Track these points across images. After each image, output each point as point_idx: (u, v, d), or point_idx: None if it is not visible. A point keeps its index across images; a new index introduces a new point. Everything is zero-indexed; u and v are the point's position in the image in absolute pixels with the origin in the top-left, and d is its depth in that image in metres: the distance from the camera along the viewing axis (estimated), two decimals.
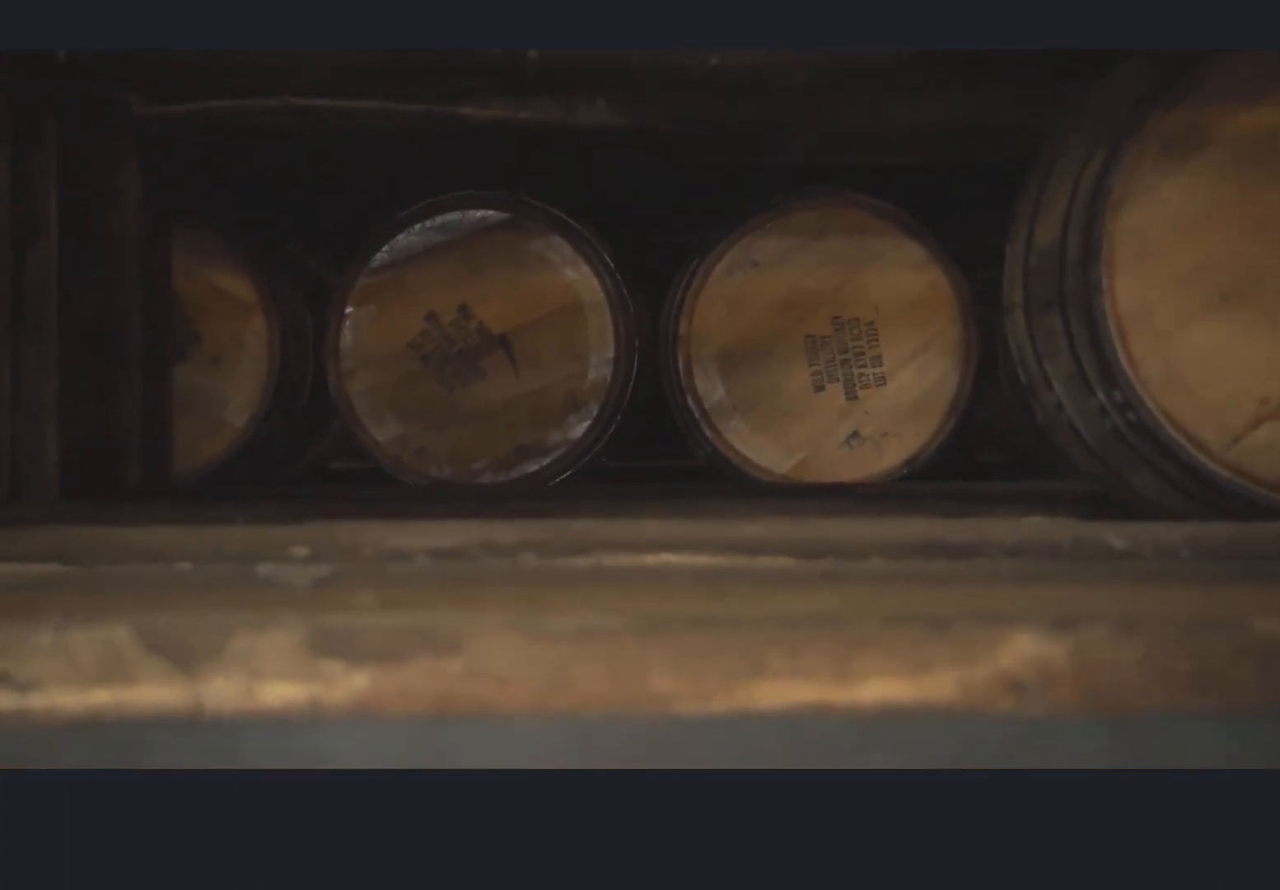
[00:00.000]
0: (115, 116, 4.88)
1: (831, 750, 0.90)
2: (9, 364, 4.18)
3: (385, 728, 0.86)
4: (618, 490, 5.70)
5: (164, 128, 4.99)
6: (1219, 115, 3.35)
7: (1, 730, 0.87)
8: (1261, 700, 1.20)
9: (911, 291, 5.95)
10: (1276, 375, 3.35)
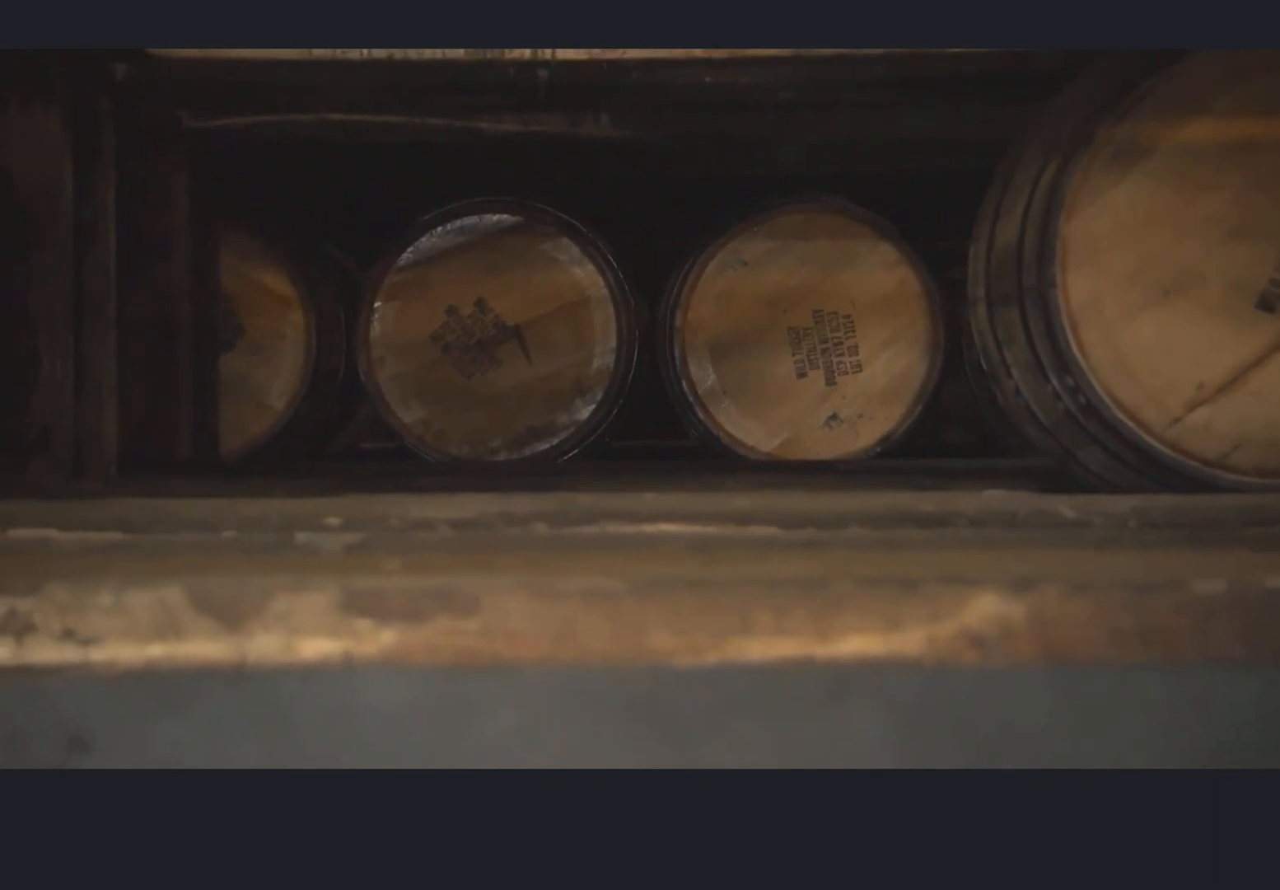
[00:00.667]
0: (167, 130, 4.88)
1: (813, 700, 0.90)
2: (72, 353, 4.18)
3: (410, 678, 0.86)
4: (619, 467, 5.71)
5: (211, 140, 4.99)
6: (1160, 128, 3.35)
7: (65, 681, 0.88)
8: (1199, 653, 1.20)
9: (884, 288, 5.97)
10: (1212, 363, 3.36)
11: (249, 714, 0.90)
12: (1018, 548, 2.10)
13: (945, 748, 0.92)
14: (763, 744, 0.94)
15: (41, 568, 1.63)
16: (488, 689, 0.91)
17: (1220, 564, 1.53)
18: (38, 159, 4.10)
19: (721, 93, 4.33)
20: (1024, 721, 0.91)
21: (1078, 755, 0.94)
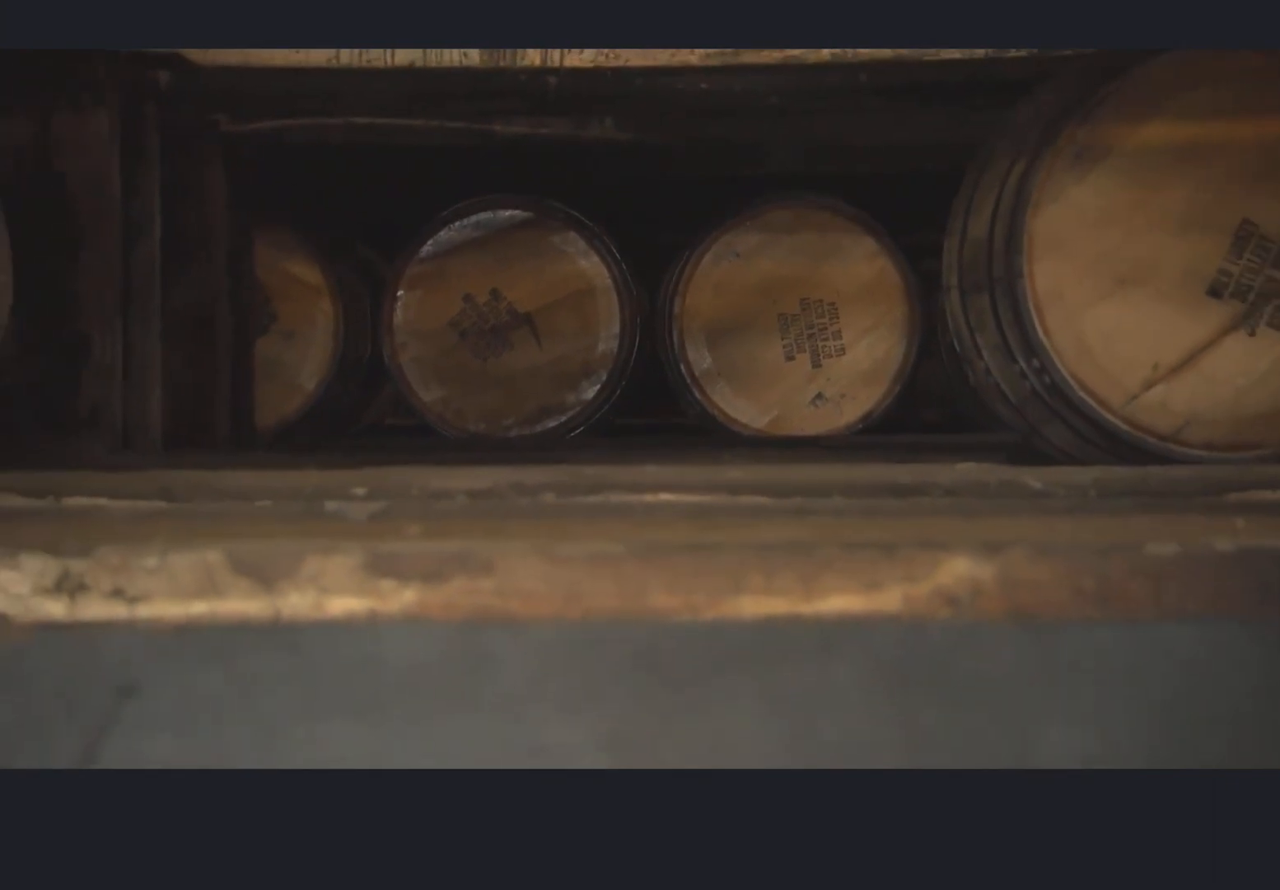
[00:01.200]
0: (206, 133, 4.88)
1: (800, 653, 0.91)
2: (120, 338, 4.18)
3: (429, 633, 0.86)
4: (623, 442, 5.74)
5: (246, 142, 4.99)
6: (1118, 130, 3.36)
7: (115, 635, 0.88)
8: (1153, 609, 1.20)
9: (866, 278, 5.99)
10: (1165, 346, 3.36)
11: (282, 665, 0.91)
12: (988, 515, 2.10)
13: (922, 695, 0.92)
14: (755, 692, 0.95)
15: (93, 533, 1.63)
16: (501, 643, 0.91)
17: (1172, 529, 1.53)
18: (88, 160, 4.10)
19: (717, 98, 4.33)
20: (994, 671, 0.91)
21: (1043, 702, 0.95)
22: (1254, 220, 3.36)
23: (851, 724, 0.95)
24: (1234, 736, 0.93)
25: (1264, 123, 3.34)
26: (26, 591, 1.27)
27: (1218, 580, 1.23)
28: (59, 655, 0.91)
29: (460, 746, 0.96)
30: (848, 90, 4.27)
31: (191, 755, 0.96)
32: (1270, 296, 3.36)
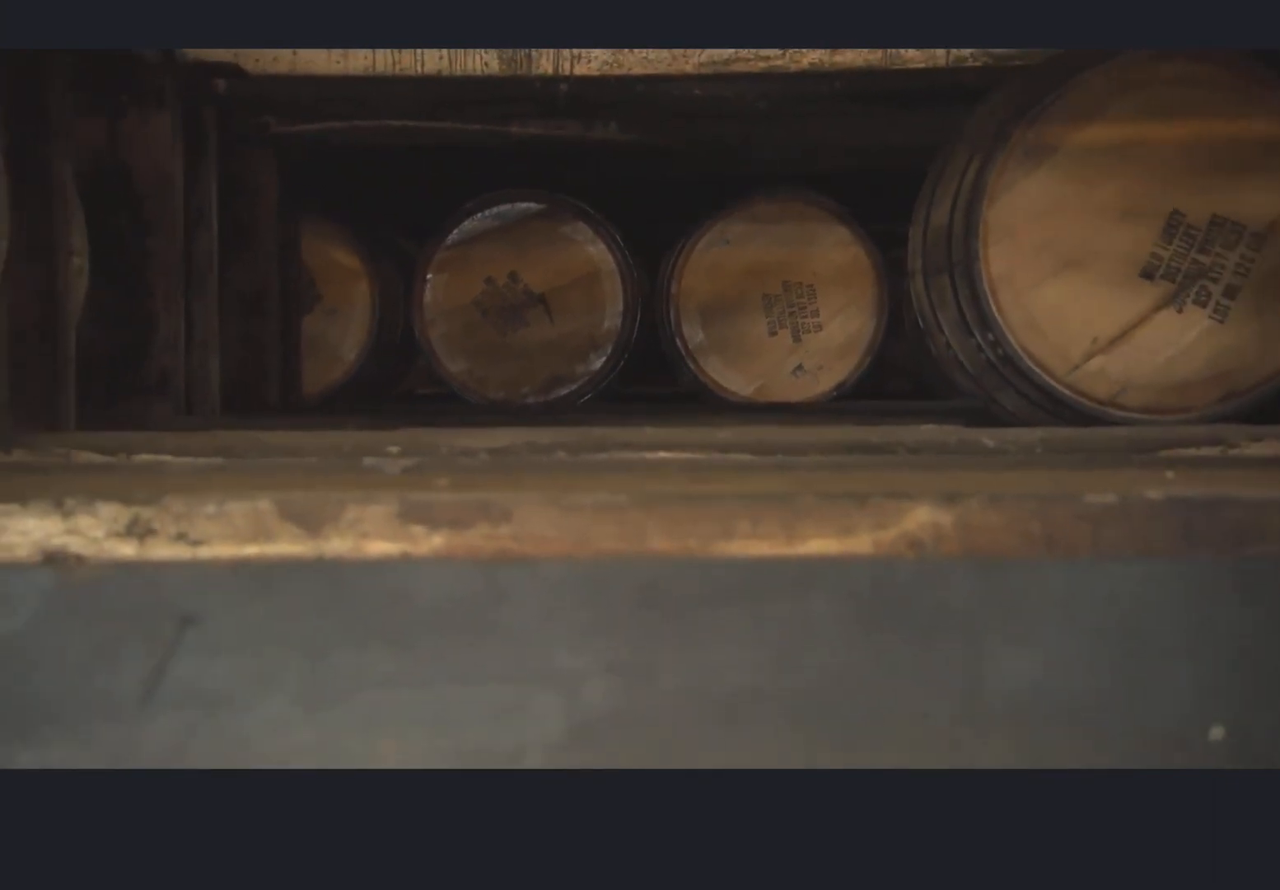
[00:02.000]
0: (258, 135, 4.88)
1: (783, 588, 0.91)
2: (183, 315, 4.19)
3: (455, 571, 0.86)
4: (626, 407, 5.74)
5: (294, 143, 4.99)
6: (1063, 131, 3.36)
7: (178, 572, 0.88)
8: (1091, 550, 1.20)
9: (840, 263, 6.00)
10: (1104, 322, 3.37)
11: (324, 598, 0.91)
12: (947, 470, 2.10)
13: (890, 625, 0.92)
14: (743, 623, 0.95)
15: (159, 484, 1.63)
16: (518, 580, 0.91)
17: (1109, 481, 1.53)
18: (155, 159, 4.10)
19: (709, 103, 4.33)
20: (953, 604, 0.91)
21: (996, 630, 0.95)
22: (1181, 210, 3.36)
23: (828, 649, 0.95)
24: (1161, 659, 0.93)
25: (1186, 124, 3.34)
26: (102, 535, 1.26)
27: (1149, 525, 1.22)
28: (130, 589, 0.92)
29: (480, 670, 0.97)
30: (825, 96, 4.27)
31: (243, 676, 0.97)
32: (1196, 278, 3.36)
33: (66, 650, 0.97)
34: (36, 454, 2.37)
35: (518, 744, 0.99)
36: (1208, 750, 0.97)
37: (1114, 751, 0.97)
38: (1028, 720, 0.97)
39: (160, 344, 4.12)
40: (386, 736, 0.98)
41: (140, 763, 0.95)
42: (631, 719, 0.99)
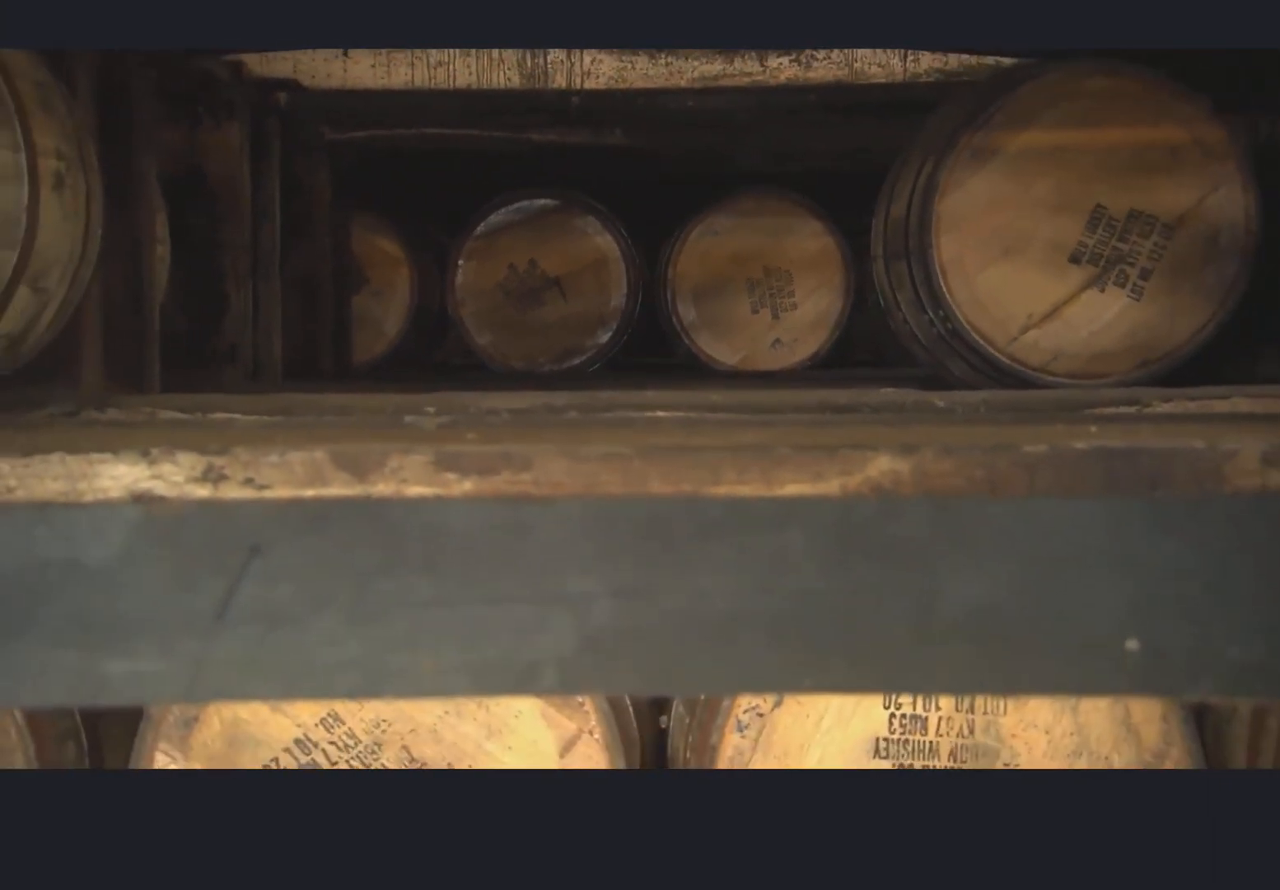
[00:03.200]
0: (314, 141, 4.88)
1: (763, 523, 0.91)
2: (251, 295, 4.20)
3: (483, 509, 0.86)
4: (629, 375, 5.75)
5: (344, 148, 4.99)
6: (1004, 136, 3.37)
7: (247, 511, 0.88)
8: (1027, 491, 1.20)
9: (813, 251, 6.00)
10: (1037, 300, 3.38)
11: (369, 532, 0.91)
12: (904, 426, 2.09)
13: (856, 554, 0.92)
14: (729, 553, 0.95)
15: (230, 438, 1.63)
16: (536, 517, 0.91)
17: (1043, 435, 1.52)
18: (226, 162, 4.10)
19: (700, 113, 4.33)
20: (910, 538, 0.91)
21: (947, 559, 0.95)
22: (1104, 204, 3.36)
23: (802, 576, 0.95)
24: (1086, 583, 0.93)
25: (1108, 131, 3.36)
26: (181, 479, 1.26)
27: (1076, 470, 1.22)
28: (204, 524, 0.92)
29: (504, 593, 0.97)
30: (800, 107, 4.28)
31: (301, 598, 0.97)
32: (1116, 262, 3.36)
33: (151, 575, 0.97)
34: (126, 412, 2.37)
35: (536, 656, 0.99)
36: (1124, 658, 0.97)
37: (1047, 660, 0.97)
38: (975, 636, 0.97)
39: (231, 320, 4.13)
40: (423, 650, 0.98)
41: (215, 670, 0.95)
42: (633, 635, 0.99)
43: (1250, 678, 0.95)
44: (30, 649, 0.96)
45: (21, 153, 2.47)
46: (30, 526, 0.95)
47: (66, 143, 2.64)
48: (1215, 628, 0.95)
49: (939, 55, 4.00)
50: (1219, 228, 3.37)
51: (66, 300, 2.73)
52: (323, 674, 0.96)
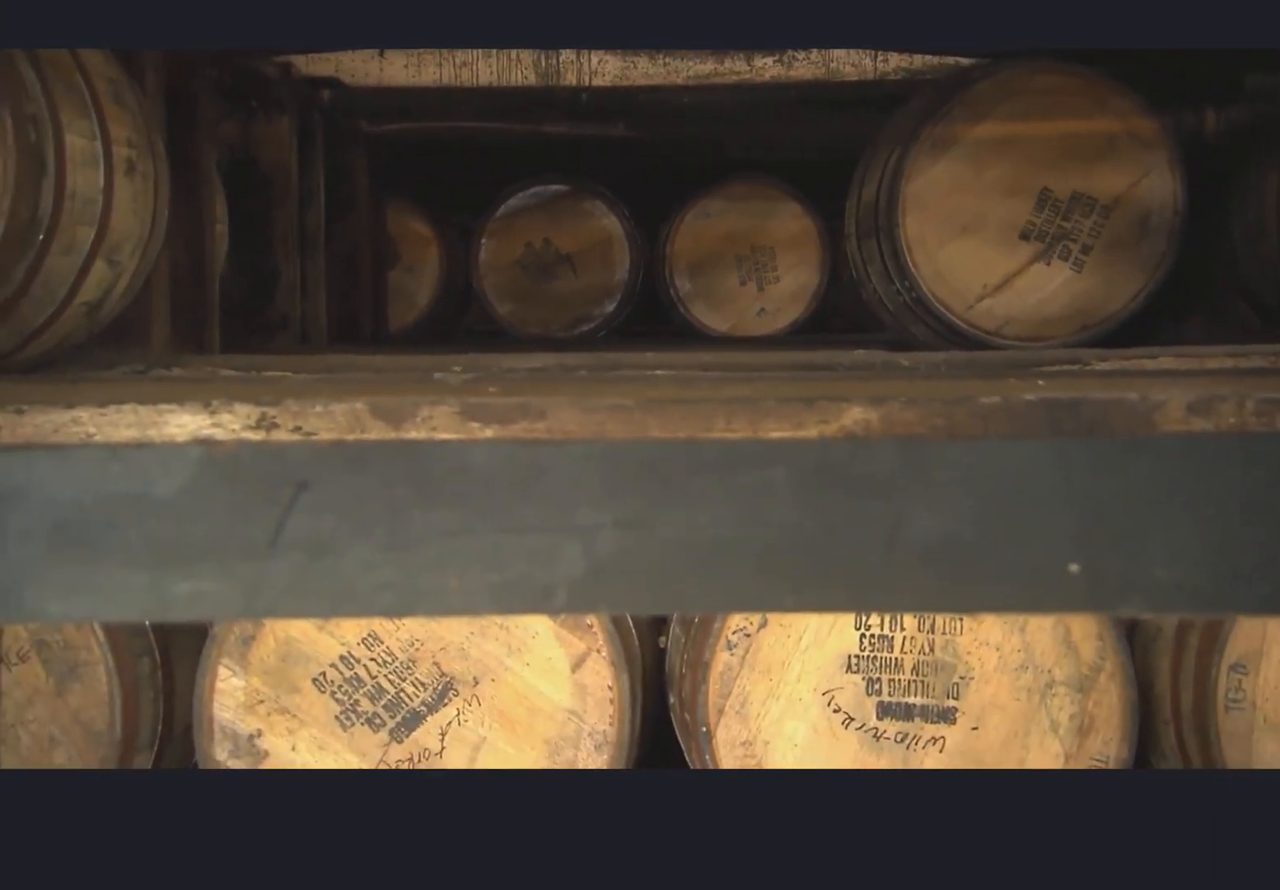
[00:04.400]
0: (353, 133, 4.86)
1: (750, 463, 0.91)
2: (299, 269, 4.20)
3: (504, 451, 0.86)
4: (632, 340, 5.73)
5: (380, 139, 4.98)
6: (961, 128, 3.36)
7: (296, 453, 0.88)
8: (982, 435, 1.19)
9: (794, 231, 6.00)
10: (991, 273, 3.38)
11: (403, 471, 0.91)
12: (874, 381, 2.09)
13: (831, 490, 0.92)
14: (719, 489, 0.95)
15: (281, 391, 1.62)
16: (550, 457, 0.91)
17: (996, 388, 1.52)
18: (277, 152, 4.09)
19: (694, 108, 4.33)
20: (879, 475, 0.91)
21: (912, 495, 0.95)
22: (1050, 188, 3.35)
23: (784, 508, 0.95)
24: (1034, 515, 0.93)
25: (1053, 122, 3.35)
26: (238, 427, 1.26)
27: (1025, 418, 1.22)
28: (258, 464, 0.92)
29: (522, 524, 0.97)
30: (782, 102, 4.27)
31: (343, 528, 0.97)
32: (1060, 239, 3.36)
33: (212, 507, 0.97)
34: (190, 370, 2.37)
35: (550, 579, 0.99)
36: (1067, 580, 0.97)
37: (1000, 582, 0.98)
38: (936, 561, 0.97)
39: (282, 291, 4.13)
40: (451, 574, 0.98)
41: (269, 590, 0.95)
42: (635, 561, 0.99)
43: (1175, 595, 0.95)
44: (108, 571, 0.96)
45: (98, 141, 2.46)
46: (107, 465, 0.95)
47: (137, 133, 2.63)
48: (1145, 553, 0.95)
49: (905, 56, 3.98)
50: (1150, 209, 3.36)
51: (138, 272, 2.72)
52: (362, 595, 0.96)
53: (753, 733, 2.25)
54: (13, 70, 2.26)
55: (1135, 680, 2.23)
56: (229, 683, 2.24)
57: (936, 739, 2.24)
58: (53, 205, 2.32)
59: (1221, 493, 0.93)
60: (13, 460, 0.94)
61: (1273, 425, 1.18)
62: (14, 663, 2.23)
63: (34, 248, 2.30)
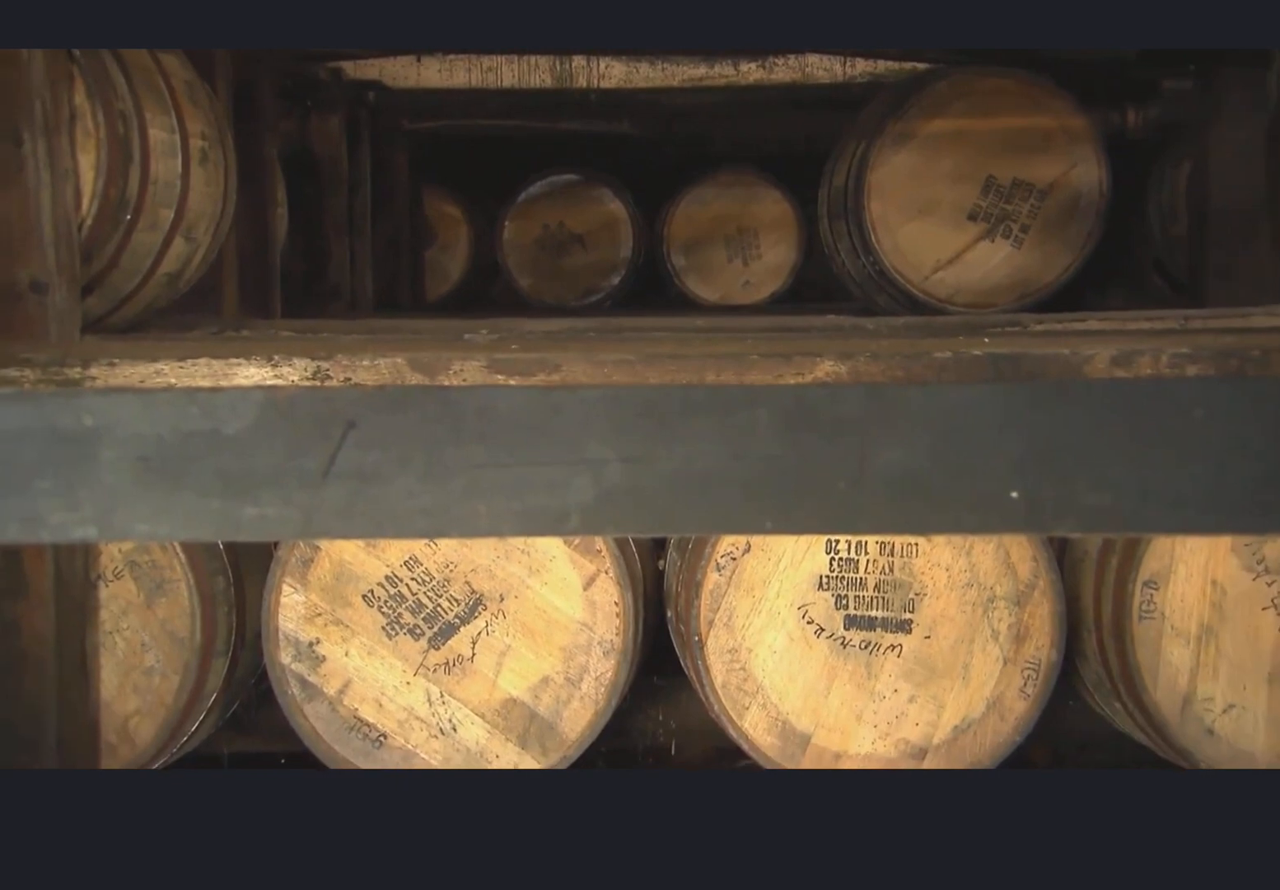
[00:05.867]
0: (395, 130, 4.85)
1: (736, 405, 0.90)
2: (348, 248, 4.19)
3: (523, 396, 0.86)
4: (634, 308, 5.71)
5: (418, 135, 4.96)
6: (919, 123, 3.35)
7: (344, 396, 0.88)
8: (936, 381, 1.19)
9: (775, 214, 5.98)
10: (943, 249, 3.38)
11: (438, 413, 0.90)
12: (842, 341, 2.08)
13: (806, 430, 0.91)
14: (711, 427, 0.94)
15: (333, 349, 1.62)
16: (565, 401, 0.90)
17: (948, 345, 1.51)
18: (329, 145, 4.07)
19: (688, 107, 4.34)
20: (848, 414, 0.90)
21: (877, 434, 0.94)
22: (994, 175, 3.35)
23: (766, 444, 0.94)
24: (980, 449, 0.92)
25: (997, 119, 3.35)
26: (296, 378, 1.26)
27: (972, 368, 1.21)
28: (314, 406, 0.91)
29: (540, 458, 0.96)
30: (764, 102, 4.28)
31: (386, 462, 0.96)
32: (1002, 219, 3.35)
33: (273, 443, 0.97)
34: (255, 332, 2.35)
35: (564, 505, 0.99)
36: (1008, 506, 0.97)
37: (951, 507, 0.97)
38: (896, 490, 0.97)
39: (334, 267, 4.12)
40: (479, 501, 0.97)
41: (323, 514, 0.95)
42: (638, 490, 0.99)
43: (1100, 518, 0.95)
44: (185, 497, 0.96)
45: (176, 134, 2.45)
46: (184, 408, 0.94)
47: (209, 128, 2.61)
48: (1075, 481, 0.94)
49: (870, 62, 3.96)
50: (1079, 193, 3.35)
51: (211, 248, 2.71)
52: (403, 519, 0.95)
53: (738, 641, 2.25)
54: (104, 73, 2.24)
55: (1064, 595, 2.23)
56: (291, 598, 2.24)
57: (895, 646, 2.24)
58: (138, 189, 2.31)
59: (1140, 429, 0.92)
60: (106, 403, 0.94)
61: (1182, 373, 1.18)
62: (110, 580, 2.23)
63: (123, 226, 2.29)
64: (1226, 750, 2.17)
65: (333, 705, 2.26)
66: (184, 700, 2.24)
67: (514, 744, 2.27)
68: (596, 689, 2.26)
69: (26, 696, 2.01)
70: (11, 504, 0.96)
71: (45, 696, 1.97)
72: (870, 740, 2.24)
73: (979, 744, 2.24)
